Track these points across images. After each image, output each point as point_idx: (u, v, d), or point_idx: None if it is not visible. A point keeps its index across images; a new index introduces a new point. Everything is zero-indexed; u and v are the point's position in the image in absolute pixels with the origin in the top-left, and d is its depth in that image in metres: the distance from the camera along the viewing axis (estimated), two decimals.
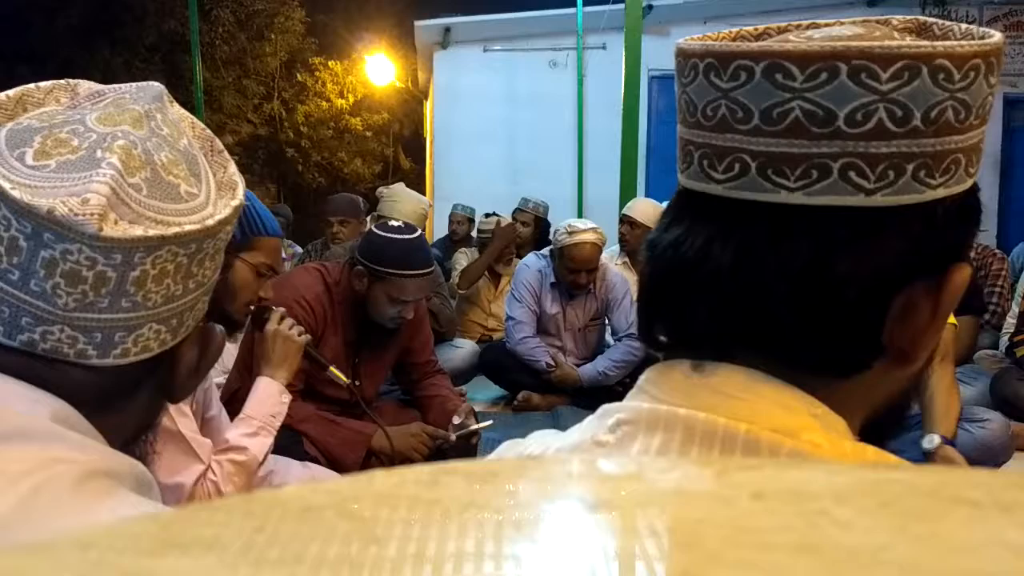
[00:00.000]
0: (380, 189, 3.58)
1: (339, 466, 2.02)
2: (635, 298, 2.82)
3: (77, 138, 0.59)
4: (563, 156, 7.96)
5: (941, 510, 0.21)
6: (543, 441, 0.56)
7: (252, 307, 1.58)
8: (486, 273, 4.20)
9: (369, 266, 2.14)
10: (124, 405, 0.63)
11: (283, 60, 14.29)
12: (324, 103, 14.66)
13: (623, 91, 4.89)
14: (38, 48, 11.31)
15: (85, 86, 0.67)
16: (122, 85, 0.67)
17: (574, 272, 3.27)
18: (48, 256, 0.56)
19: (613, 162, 5.09)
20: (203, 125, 0.70)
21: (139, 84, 0.67)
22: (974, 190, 0.47)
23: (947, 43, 0.43)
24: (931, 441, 2.10)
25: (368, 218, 3.84)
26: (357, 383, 2.26)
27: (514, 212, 5.17)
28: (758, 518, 0.21)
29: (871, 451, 0.45)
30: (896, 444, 2.17)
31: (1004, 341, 3.47)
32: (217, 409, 1.61)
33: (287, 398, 1.64)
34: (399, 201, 3.41)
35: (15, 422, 0.55)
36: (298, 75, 14.63)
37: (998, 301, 3.98)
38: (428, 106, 10.40)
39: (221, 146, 0.70)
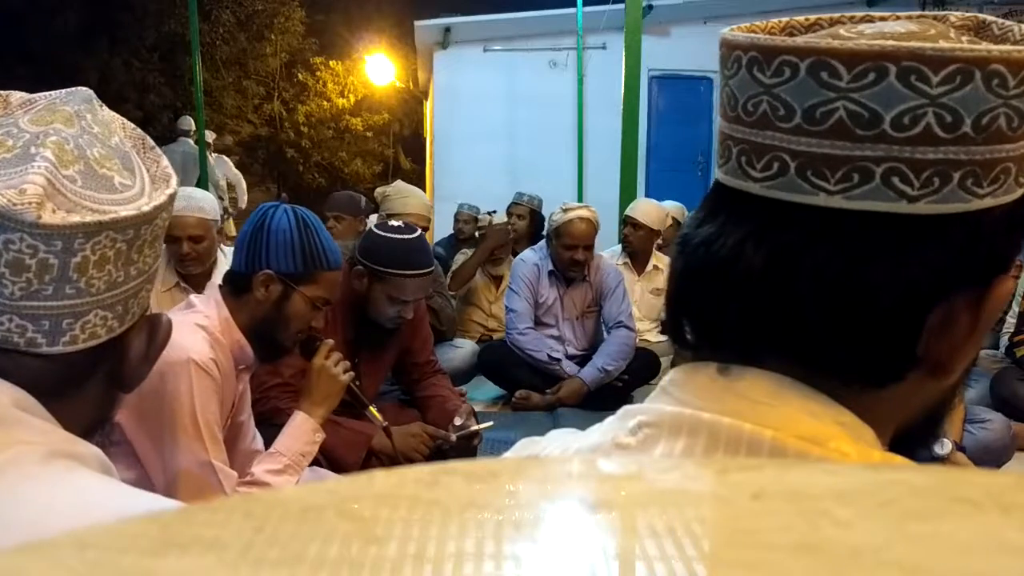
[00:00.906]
0: (382, 188, 3.56)
1: (339, 466, 2.01)
2: (627, 291, 2.80)
3: (11, 139, 0.63)
4: (563, 156, 7.96)
5: (941, 510, 0.21)
6: (562, 442, 0.54)
7: (301, 335, 1.57)
8: (488, 275, 4.20)
9: (369, 266, 2.14)
10: (77, 393, 0.66)
11: (283, 61, 14.28)
12: (325, 103, 14.66)
13: (623, 91, 4.90)
14: (37, 49, 11.30)
15: (16, 96, 0.70)
16: (52, 92, 0.70)
17: (571, 249, 3.28)
18: None
19: (613, 162, 5.10)
20: (133, 125, 0.73)
21: (68, 89, 0.70)
22: (1023, 200, 0.45)
23: (1003, 47, 0.41)
24: (943, 446, 2.09)
25: (374, 216, 3.83)
26: (357, 383, 2.26)
27: (509, 206, 5.17)
28: (758, 518, 0.21)
29: (899, 461, 0.44)
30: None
31: (1004, 341, 3.47)
32: (247, 415, 1.61)
33: (320, 436, 1.63)
34: (408, 196, 3.40)
35: None
36: (299, 75, 14.62)
37: (1005, 308, 3.97)
38: (428, 106, 10.40)
39: (152, 143, 0.73)
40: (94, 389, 0.68)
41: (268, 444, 1.84)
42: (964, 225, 0.42)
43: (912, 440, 0.50)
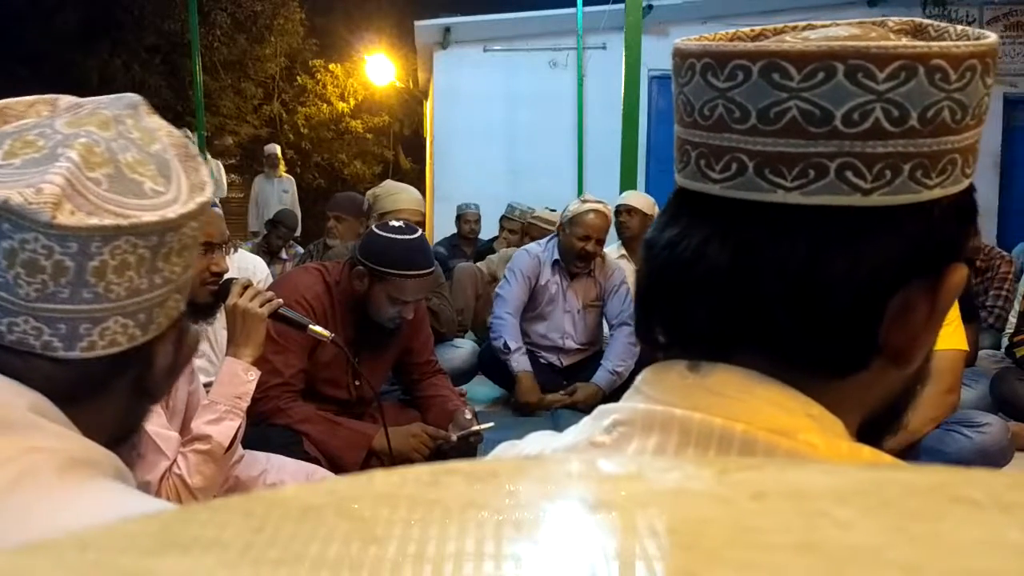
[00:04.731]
0: (372, 190, 3.55)
1: (339, 466, 2.01)
2: (633, 290, 2.80)
3: (43, 139, 0.62)
4: (563, 156, 7.97)
5: (941, 510, 0.21)
6: (539, 442, 0.56)
7: (211, 286, 1.53)
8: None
9: (369, 266, 2.14)
10: (97, 401, 0.64)
11: (283, 65, 14.27)
12: (325, 106, 14.63)
13: (623, 91, 4.90)
14: (37, 49, 11.28)
15: (65, 100, 0.69)
16: (100, 97, 0.69)
17: (584, 240, 3.28)
18: (8, 246, 0.58)
19: (613, 162, 5.10)
20: (179, 133, 0.72)
21: (117, 95, 0.69)
22: (970, 190, 0.47)
23: (943, 43, 0.43)
24: None
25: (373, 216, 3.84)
26: (357, 383, 2.26)
27: (501, 219, 5.16)
28: (758, 518, 0.21)
29: (867, 451, 0.45)
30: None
31: (1004, 341, 3.48)
32: (196, 384, 1.59)
33: (253, 375, 1.58)
34: (397, 193, 3.39)
35: None
36: (298, 78, 14.60)
37: (1003, 304, 3.97)
38: (428, 106, 10.40)
39: (195, 152, 0.71)
40: (118, 398, 0.66)
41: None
42: (916, 215, 0.44)
43: (878, 429, 0.51)
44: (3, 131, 0.63)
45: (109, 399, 0.65)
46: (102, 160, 0.61)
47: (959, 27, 0.48)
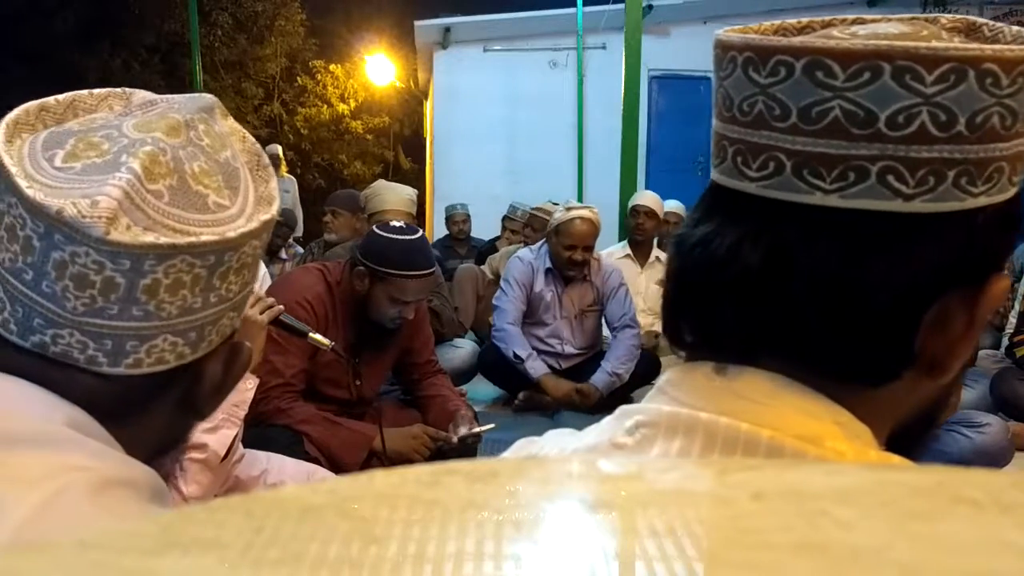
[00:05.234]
0: (365, 192, 3.56)
1: (339, 466, 2.01)
2: (632, 288, 2.79)
3: (109, 142, 0.59)
4: (563, 156, 7.97)
5: (941, 510, 0.21)
6: (559, 442, 0.54)
7: None
8: None
9: (370, 266, 2.14)
10: (140, 418, 0.62)
11: (283, 65, 14.27)
12: (325, 107, 14.63)
13: (623, 91, 4.90)
14: (36, 49, 11.28)
15: (140, 95, 0.66)
16: (176, 96, 0.66)
17: (570, 249, 3.27)
18: (58, 257, 0.56)
19: (613, 162, 5.10)
20: (254, 140, 0.69)
21: (192, 95, 0.67)
22: (1016, 199, 0.45)
23: (996, 47, 0.41)
24: None
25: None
26: (358, 383, 2.26)
27: (504, 219, 5.15)
28: (758, 518, 0.21)
29: (896, 461, 0.44)
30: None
31: (1004, 341, 3.48)
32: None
33: (252, 383, 1.57)
34: (383, 192, 3.39)
35: (31, 427, 0.54)
36: (298, 78, 14.61)
37: (1008, 308, 3.99)
38: (428, 106, 10.41)
39: (267, 161, 0.68)
40: (162, 413, 0.63)
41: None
42: (959, 223, 0.43)
43: (909, 439, 0.50)
44: (69, 127, 0.61)
45: (153, 415, 0.63)
46: (166, 171, 0.59)
47: (1014, 28, 0.46)
